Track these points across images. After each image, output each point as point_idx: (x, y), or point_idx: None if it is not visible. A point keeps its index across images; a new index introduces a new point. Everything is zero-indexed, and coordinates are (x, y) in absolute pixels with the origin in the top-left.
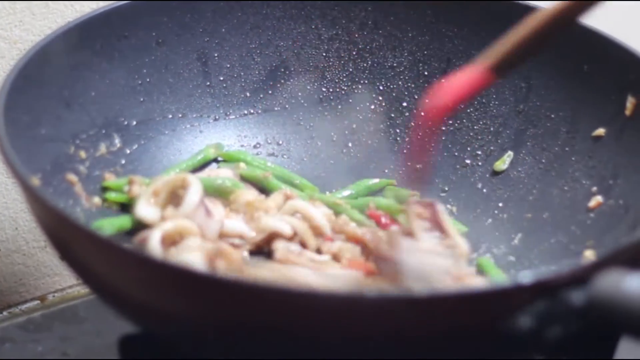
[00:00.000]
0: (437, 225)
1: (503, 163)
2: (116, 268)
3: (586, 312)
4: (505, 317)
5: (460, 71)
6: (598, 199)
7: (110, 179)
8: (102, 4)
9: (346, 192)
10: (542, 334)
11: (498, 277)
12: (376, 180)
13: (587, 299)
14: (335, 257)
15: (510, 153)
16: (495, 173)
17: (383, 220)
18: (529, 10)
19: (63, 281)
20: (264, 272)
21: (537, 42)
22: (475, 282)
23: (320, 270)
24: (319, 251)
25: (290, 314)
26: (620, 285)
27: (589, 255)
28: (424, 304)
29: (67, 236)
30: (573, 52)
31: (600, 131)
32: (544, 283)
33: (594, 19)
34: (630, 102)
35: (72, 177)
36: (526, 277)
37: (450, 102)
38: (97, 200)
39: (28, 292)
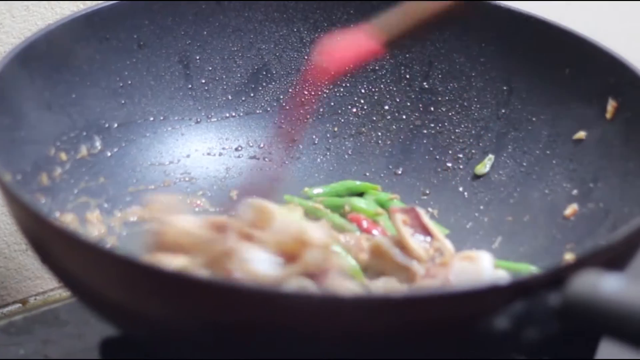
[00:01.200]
0: (422, 229)
1: (484, 166)
2: (95, 270)
3: (563, 313)
4: (482, 318)
5: (350, 33)
6: (574, 206)
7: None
8: (82, 5)
9: (319, 190)
10: (520, 334)
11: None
12: (358, 183)
13: (564, 300)
14: None
15: (491, 156)
16: (477, 176)
17: (365, 224)
18: (510, 13)
19: (44, 284)
20: None
21: (435, 23)
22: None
23: None
24: None
25: (269, 315)
26: (596, 286)
27: (570, 258)
28: (400, 305)
29: (45, 237)
30: (554, 55)
31: (581, 134)
32: (520, 284)
33: (575, 22)
34: (611, 105)
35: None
36: (503, 278)
37: (336, 65)
38: None
39: (9, 295)
